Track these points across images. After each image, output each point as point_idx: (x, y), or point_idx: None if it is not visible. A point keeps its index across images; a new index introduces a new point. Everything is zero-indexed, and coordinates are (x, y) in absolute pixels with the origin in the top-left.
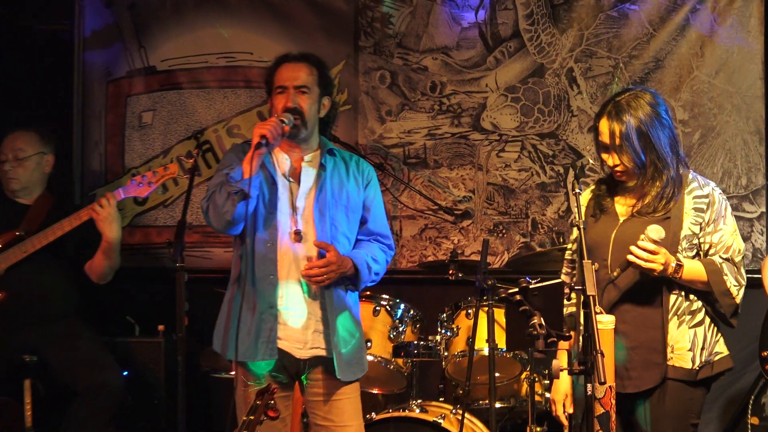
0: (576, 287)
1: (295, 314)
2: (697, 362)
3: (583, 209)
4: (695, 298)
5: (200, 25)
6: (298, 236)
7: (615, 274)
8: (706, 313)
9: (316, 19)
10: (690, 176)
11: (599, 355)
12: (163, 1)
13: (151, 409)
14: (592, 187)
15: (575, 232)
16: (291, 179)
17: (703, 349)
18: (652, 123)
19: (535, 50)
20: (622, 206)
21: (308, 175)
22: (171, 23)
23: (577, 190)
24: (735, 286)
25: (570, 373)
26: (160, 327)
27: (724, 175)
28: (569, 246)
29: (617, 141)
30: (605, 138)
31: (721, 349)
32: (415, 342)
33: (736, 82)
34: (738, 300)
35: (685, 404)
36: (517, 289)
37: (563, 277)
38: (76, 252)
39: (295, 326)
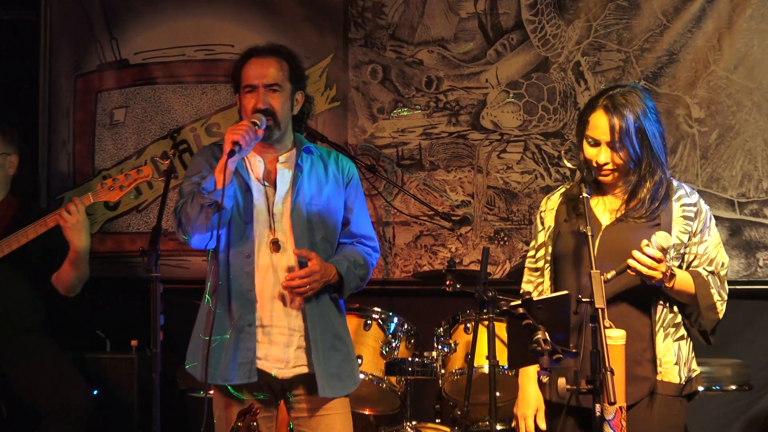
0: (583, 299)
1: (275, 331)
2: (683, 377)
3: (552, 214)
4: (677, 311)
5: (177, 15)
6: (275, 246)
7: (608, 276)
8: (684, 327)
9: (302, 9)
10: (675, 183)
11: (608, 372)
12: None
13: None
14: (562, 189)
15: (541, 237)
16: (266, 183)
17: (685, 363)
18: (648, 119)
19: (539, 43)
20: (603, 210)
21: (284, 178)
22: (145, 13)
23: (585, 195)
24: (719, 300)
25: (577, 392)
26: (133, 342)
27: (744, 178)
28: (532, 252)
29: (616, 136)
30: (600, 133)
31: (695, 366)
32: (410, 359)
33: (756, 78)
34: (721, 316)
35: (673, 420)
36: (519, 302)
37: (525, 287)
38: (42, 261)
39: (276, 344)
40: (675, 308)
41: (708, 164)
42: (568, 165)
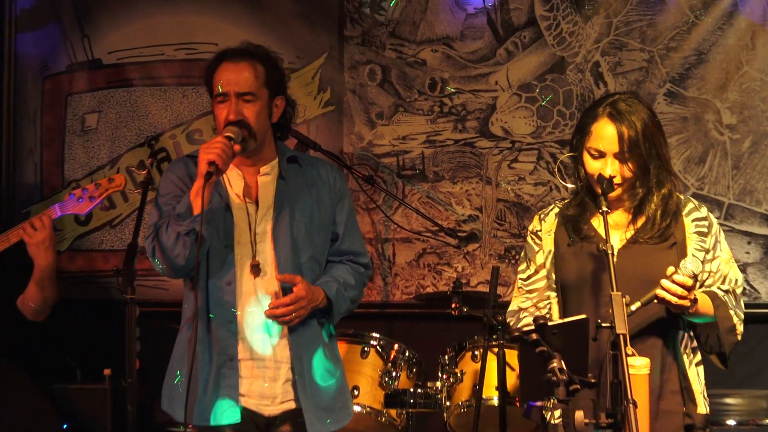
0: (603, 324)
1: (260, 364)
2: (707, 406)
3: (550, 236)
4: (693, 334)
5: (155, 11)
6: (256, 270)
7: (633, 308)
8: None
9: (294, 4)
10: (682, 197)
11: (631, 405)
12: None
13: None
14: (555, 209)
15: (540, 258)
16: (248, 200)
17: (704, 391)
18: (655, 126)
19: (554, 41)
20: (609, 230)
21: (267, 192)
22: (120, 8)
23: (605, 209)
24: (738, 321)
25: (596, 427)
26: (107, 371)
27: None
28: (524, 275)
29: (625, 146)
30: (607, 144)
31: (705, 394)
32: (411, 389)
33: None
34: (740, 337)
35: None
36: (533, 327)
37: (522, 304)
38: (5, 282)
39: (261, 379)
40: (691, 332)
41: (740, 175)
42: (568, 185)
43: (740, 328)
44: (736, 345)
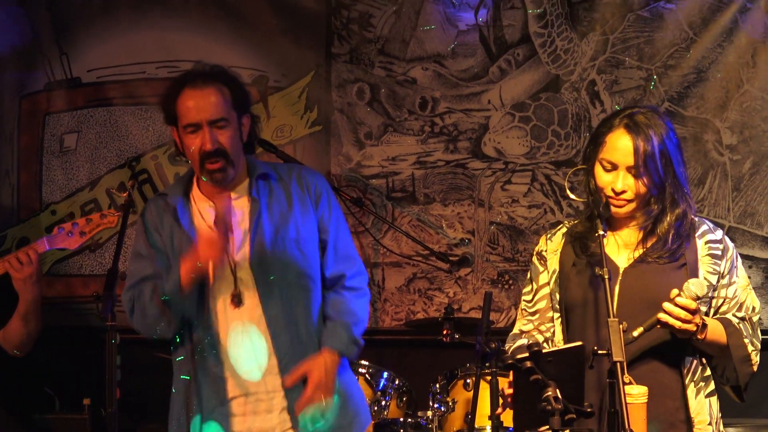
0: (599, 351)
1: (252, 399)
2: None
3: (556, 256)
4: (706, 363)
5: (136, 28)
6: (236, 300)
7: (635, 334)
8: (714, 381)
9: (279, 20)
10: (696, 219)
11: None
12: None
13: None
14: (564, 228)
15: (543, 278)
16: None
17: (716, 423)
18: (672, 142)
19: (548, 59)
20: (617, 249)
21: (241, 216)
22: (100, 25)
23: (601, 232)
24: (754, 351)
25: None
26: (86, 401)
27: None
28: (528, 297)
29: (641, 160)
30: (621, 156)
31: (722, 427)
32: (401, 419)
33: None
34: (756, 368)
35: None
36: (527, 354)
37: (523, 327)
38: None
39: (257, 414)
40: (704, 360)
41: (741, 197)
42: (572, 197)
43: (756, 358)
44: (751, 376)
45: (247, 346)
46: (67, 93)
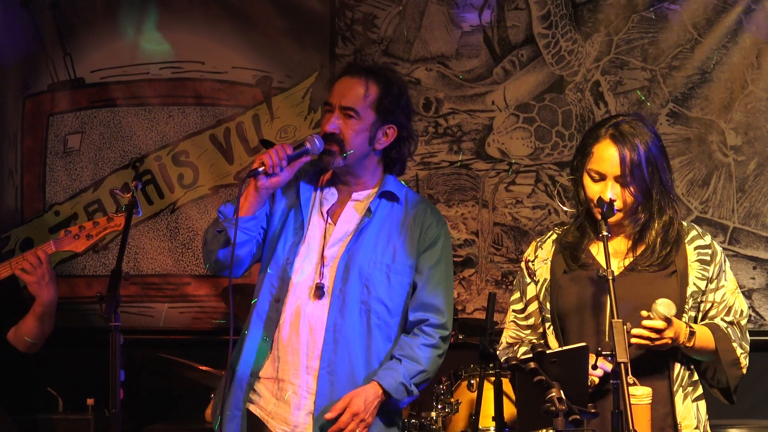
0: (603, 352)
1: (288, 388)
2: None
3: (546, 265)
4: (694, 368)
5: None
6: (319, 292)
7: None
8: (702, 385)
9: (283, 21)
10: (685, 224)
11: None
12: None
13: None
14: (554, 236)
15: (531, 291)
16: (329, 220)
17: (703, 427)
18: (658, 149)
19: (553, 60)
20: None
21: (351, 218)
22: (104, 26)
23: (605, 233)
24: (742, 354)
25: None
26: (90, 401)
27: None
28: (519, 306)
29: (627, 169)
30: (608, 166)
31: (708, 429)
32: (406, 420)
33: None
34: (745, 371)
35: None
36: (531, 355)
37: (512, 340)
38: None
39: (286, 404)
40: (691, 365)
41: (745, 198)
42: (566, 209)
43: (744, 361)
44: (741, 379)
45: (302, 337)
46: (70, 94)
